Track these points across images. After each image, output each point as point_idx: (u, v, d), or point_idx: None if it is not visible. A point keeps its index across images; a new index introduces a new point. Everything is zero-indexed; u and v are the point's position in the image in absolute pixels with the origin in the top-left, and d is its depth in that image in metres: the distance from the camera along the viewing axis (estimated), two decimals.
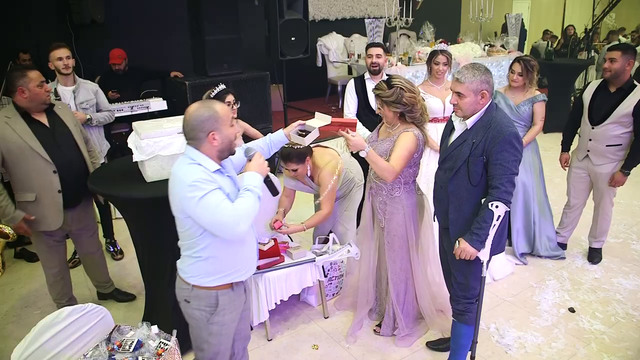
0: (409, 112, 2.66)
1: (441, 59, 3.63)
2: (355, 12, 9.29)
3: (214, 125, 1.87)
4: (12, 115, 2.79)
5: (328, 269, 3.39)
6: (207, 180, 1.84)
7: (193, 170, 1.85)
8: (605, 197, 3.66)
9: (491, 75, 2.35)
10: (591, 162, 3.59)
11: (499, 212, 2.26)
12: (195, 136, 1.87)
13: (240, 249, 2.02)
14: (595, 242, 3.86)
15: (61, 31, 6.28)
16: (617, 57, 3.30)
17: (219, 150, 1.91)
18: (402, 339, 3.00)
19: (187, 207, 1.84)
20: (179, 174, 1.86)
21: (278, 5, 5.29)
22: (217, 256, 1.96)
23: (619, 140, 3.44)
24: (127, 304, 3.53)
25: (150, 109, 4.96)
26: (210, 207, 1.80)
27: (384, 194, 2.82)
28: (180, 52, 6.78)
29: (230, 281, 2.03)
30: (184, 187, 1.82)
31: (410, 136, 2.65)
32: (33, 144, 2.77)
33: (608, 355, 2.86)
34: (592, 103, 3.52)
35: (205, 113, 1.86)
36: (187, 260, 2.01)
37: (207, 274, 1.97)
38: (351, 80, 3.99)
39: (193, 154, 1.89)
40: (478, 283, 2.46)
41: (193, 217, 1.86)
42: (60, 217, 2.94)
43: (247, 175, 1.96)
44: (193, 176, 1.82)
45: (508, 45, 7.40)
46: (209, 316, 2.02)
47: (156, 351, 2.09)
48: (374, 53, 3.81)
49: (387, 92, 2.63)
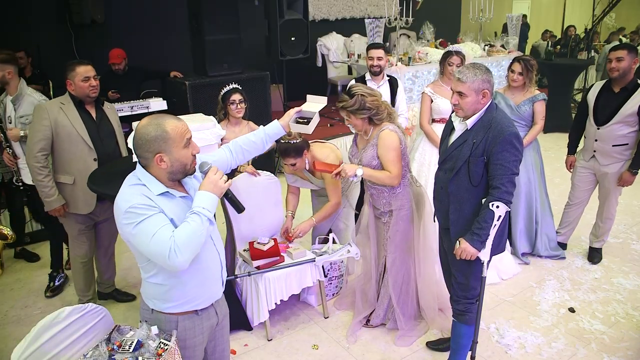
0: (375, 115, 2.72)
1: (455, 60, 3.63)
2: (355, 12, 9.29)
3: (162, 147, 1.67)
4: (66, 102, 3.02)
5: (328, 269, 3.39)
6: (146, 205, 1.65)
7: (132, 193, 1.68)
8: (611, 197, 3.67)
9: (492, 74, 2.36)
10: (598, 163, 3.59)
11: (499, 212, 2.26)
12: (141, 155, 1.70)
13: (200, 275, 1.81)
14: (596, 242, 3.86)
15: (61, 31, 6.28)
16: (624, 55, 3.31)
17: (169, 172, 1.72)
18: (401, 339, 3.00)
19: (124, 234, 1.68)
20: (118, 198, 1.70)
21: (278, 5, 5.29)
22: (173, 284, 1.78)
23: (625, 140, 3.44)
24: (127, 304, 3.53)
25: (150, 109, 4.95)
26: (145, 236, 1.62)
27: (386, 195, 2.86)
28: (180, 52, 6.78)
29: (192, 308, 1.85)
30: (120, 214, 1.66)
31: (388, 134, 2.70)
32: (81, 131, 3.00)
33: (608, 355, 2.86)
34: (596, 104, 3.52)
35: (152, 132, 1.66)
36: (144, 283, 1.86)
37: (164, 300, 1.81)
38: (352, 81, 3.98)
39: (140, 173, 1.73)
40: (478, 283, 2.46)
41: (130, 245, 1.71)
42: (93, 202, 3.10)
43: (197, 195, 1.70)
44: (130, 202, 1.65)
45: (508, 45, 7.40)
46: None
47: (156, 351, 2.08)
48: (375, 55, 3.80)
49: (350, 102, 2.69)
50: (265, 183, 3.27)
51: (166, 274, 1.76)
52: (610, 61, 3.37)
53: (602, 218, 3.78)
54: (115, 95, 5.21)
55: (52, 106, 2.99)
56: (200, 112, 3.59)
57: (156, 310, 1.86)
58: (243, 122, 3.50)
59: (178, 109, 4.96)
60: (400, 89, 3.96)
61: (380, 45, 3.92)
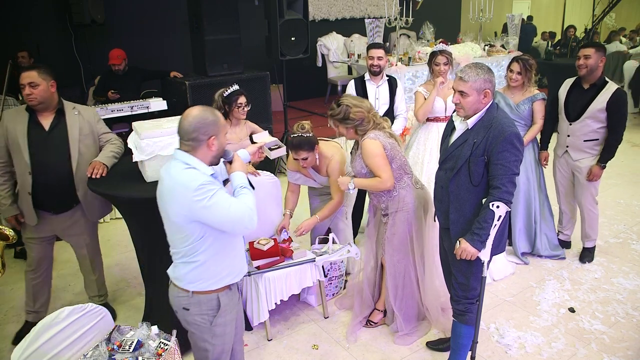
0: (359, 126, 2.81)
1: (441, 60, 3.64)
2: (355, 12, 9.29)
3: (215, 131, 1.89)
4: (21, 111, 2.89)
5: (328, 269, 3.39)
6: (211, 181, 1.85)
7: (193, 173, 1.84)
8: (585, 193, 3.70)
9: (494, 75, 2.36)
10: (571, 158, 3.66)
11: (499, 212, 2.26)
12: (196, 138, 1.87)
13: (233, 252, 2.05)
14: (587, 242, 3.86)
15: (61, 31, 6.29)
16: (591, 53, 3.43)
17: (213, 156, 1.93)
18: (401, 339, 3.00)
19: (195, 210, 1.82)
20: (179, 179, 1.84)
21: (278, 5, 5.29)
22: (214, 260, 1.97)
23: (596, 135, 3.53)
24: (127, 304, 3.53)
25: (150, 109, 4.96)
26: (223, 206, 1.83)
27: (384, 199, 2.90)
28: (180, 52, 6.79)
29: (228, 283, 2.05)
30: (189, 192, 1.81)
31: (368, 142, 2.78)
32: (21, 142, 2.81)
33: (608, 355, 2.86)
34: (567, 100, 3.63)
35: (210, 117, 1.89)
36: (183, 267, 1.99)
37: (206, 278, 1.98)
38: (351, 81, 3.98)
39: (187, 159, 1.88)
40: (478, 283, 2.46)
41: (202, 219, 1.85)
42: (33, 216, 2.92)
43: (236, 175, 2.01)
44: (197, 180, 1.82)
45: (508, 45, 7.40)
46: (211, 319, 2.04)
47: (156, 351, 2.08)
48: (375, 55, 3.80)
49: (337, 111, 2.81)
50: (266, 183, 3.28)
51: (210, 251, 1.94)
52: (579, 58, 3.49)
53: (584, 215, 3.80)
54: (115, 96, 5.21)
55: (10, 114, 2.88)
56: None
57: (197, 291, 1.99)
58: (242, 122, 3.51)
59: (178, 109, 4.95)
60: (400, 89, 3.96)
61: (380, 45, 3.93)
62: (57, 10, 6.28)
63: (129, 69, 5.40)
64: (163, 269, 2.77)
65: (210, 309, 2.02)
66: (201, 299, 2.00)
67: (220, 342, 2.09)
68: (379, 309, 3.16)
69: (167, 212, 1.91)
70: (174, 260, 2.05)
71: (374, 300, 3.18)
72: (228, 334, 2.12)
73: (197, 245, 1.92)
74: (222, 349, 2.12)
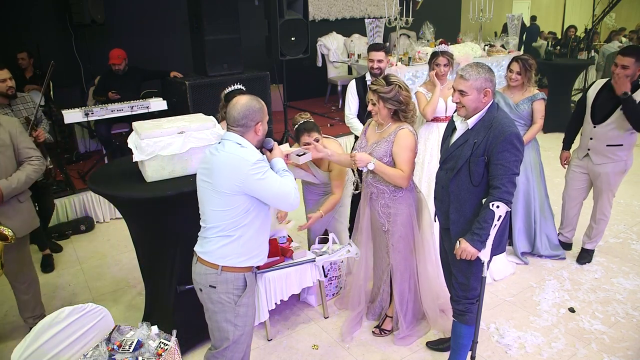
0: (403, 111, 2.70)
1: (442, 61, 3.63)
2: (355, 12, 9.29)
3: (261, 117, 2.09)
4: None
5: (328, 269, 3.39)
6: (264, 159, 2.07)
7: (250, 151, 2.04)
8: (603, 197, 3.65)
9: (494, 75, 2.36)
10: (591, 161, 3.57)
11: (500, 212, 2.26)
12: (246, 124, 2.05)
13: (264, 235, 2.20)
14: (588, 243, 3.84)
15: (61, 31, 6.29)
16: (630, 64, 3.20)
17: (258, 140, 2.12)
18: (401, 339, 3.00)
19: (250, 182, 1.99)
20: (238, 153, 2.01)
21: (278, 5, 5.29)
22: (249, 237, 2.09)
23: (620, 140, 3.42)
24: (127, 304, 3.53)
25: (150, 109, 4.96)
26: (275, 181, 2.03)
27: (387, 196, 2.81)
28: (180, 52, 6.79)
29: (253, 264, 2.16)
30: (247, 165, 1.98)
31: (408, 134, 2.67)
32: None
33: (608, 355, 2.86)
34: (595, 102, 3.49)
35: (257, 105, 2.08)
36: (217, 241, 2.09)
37: (238, 254, 2.09)
38: (352, 81, 3.97)
39: (240, 140, 2.06)
40: (479, 283, 2.46)
41: (254, 191, 2.01)
42: None
43: (277, 161, 2.18)
44: (255, 156, 2.02)
45: (508, 45, 7.40)
46: (236, 299, 2.12)
47: (156, 351, 2.08)
48: (375, 58, 3.75)
49: (386, 89, 2.65)
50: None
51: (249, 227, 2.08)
52: (616, 66, 3.27)
53: (595, 219, 3.76)
54: (116, 96, 5.21)
55: None
56: (200, 112, 3.59)
57: (227, 268, 2.09)
58: None
59: (178, 109, 4.96)
60: None
61: (381, 46, 3.85)
62: (57, 10, 6.28)
63: (129, 69, 5.41)
64: (163, 268, 2.79)
65: (237, 287, 2.11)
66: (228, 277, 2.10)
67: (242, 322, 2.17)
68: (390, 316, 3.10)
69: (216, 184, 2.03)
70: (205, 237, 2.12)
71: (382, 305, 3.14)
72: (250, 316, 2.20)
73: (239, 219, 2.05)
74: (243, 330, 2.19)
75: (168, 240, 2.73)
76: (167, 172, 2.70)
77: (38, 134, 3.54)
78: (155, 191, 2.57)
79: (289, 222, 3.35)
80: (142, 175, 2.75)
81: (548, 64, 7.33)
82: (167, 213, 2.65)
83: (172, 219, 2.69)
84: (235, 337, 2.18)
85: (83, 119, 4.74)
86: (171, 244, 2.73)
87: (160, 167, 2.68)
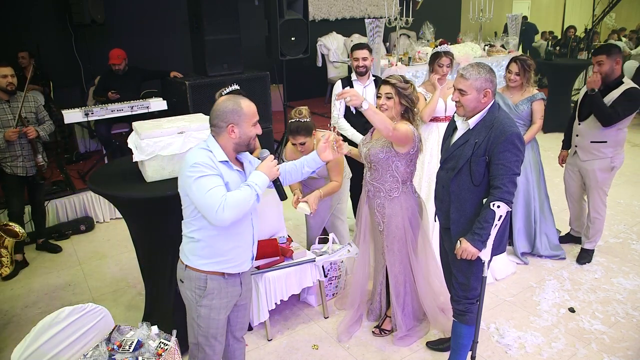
0: (410, 111, 2.74)
1: (445, 61, 3.62)
2: (355, 12, 9.29)
3: (235, 119, 1.99)
4: None
5: (328, 269, 3.39)
6: (209, 165, 1.95)
7: (200, 153, 1.98)
8: (594, 195, 3.67)
9: (495, 75, 2.35)
10: (579, 158, 3.65)
11: (500, 212, 2.26)
12: (217, 124, 2.00)
13: (233, 241, 2.07)
14: (587, 243, 3.83)
15: (61, 31, 6.30)
16: (603, 59, 3.36)
17: (235, 143, 2.02)
18: (401, 339, 3.00)
19: (184, 184, 1.97)
20: (187, 155, 2.01)
21: (278, 5, 5.29)
22: (209, 241, 2.04)
23: (603, 137, 3.47)
24: (127, 304, 3.53)
25: (150, 109, 4.96)
26: (202, 189, 1.91)
27: (382, 195, 2.81)
28: (180, 52, 6.79)
29: (220, 270, 2.08)
30: (186, 166, 1.96)
31: (407, 126, 2.69)
32: None
33: (608, 355, 2.86)
34: (582, 100, 3.58)
35: (230, 106, 2.00)
36: (184, 240, 2.12)
37: (198, 257, 2.06)
38: (338, 81, 3.97)
39: (209, 141, 2.03)
40: (479, 283, 2.46)
41: (189, 194, 1.97)
42: None
43: (253, 174, 2.04)
44: (197, 158, 1.95)
45: (508, 45, 7.40)
46: (198, 298, 2.10)
47: (156, 351, 2.08)
48: (359, 56, 3.78)
49: (404, 84, 2.72)
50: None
51: (204, 231, 2.02)
52: (593, 66, 3.43)
53: (590, 218, 3.76)
54: (115, 96, 5.21)
55: None
56: (200, 112, 3.59)
57: (189, 266, 2.08)
58: None
59: (178, 109, 4.96)
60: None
61: (364, 45, 3.88)
62: (57, 10, 6.28)
63: (129, 69, 5.41)
64: (163, 268, 2.79)
65: (197, 287, 2.09)
66: (191, 275, 2.08)
67: (205, 324, 2.12)
68: (390, 316, 3.10)
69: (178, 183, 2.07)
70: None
71: (381, 305, 3.15)
72: (213, 319, 2.13)
73: (191, 221, 2.05)
74: (207, 333, 2.14)
75: (168, 240, 2.73)
76: (167, 172, 2.71)
77: (27, 130, 3.73)
78: (155, 191, 2.57)
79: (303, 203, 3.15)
80: (142, 175, 2.75)
81: (548, 64, 7.33)
82: (167, 213, 2.65)
83: (172, 219, 2.69)
84: (199, 338, 2.16)
85: (83, 119, 4.75)
86: (171, 244, 2.73)
87: (160, 167, 2.68)
